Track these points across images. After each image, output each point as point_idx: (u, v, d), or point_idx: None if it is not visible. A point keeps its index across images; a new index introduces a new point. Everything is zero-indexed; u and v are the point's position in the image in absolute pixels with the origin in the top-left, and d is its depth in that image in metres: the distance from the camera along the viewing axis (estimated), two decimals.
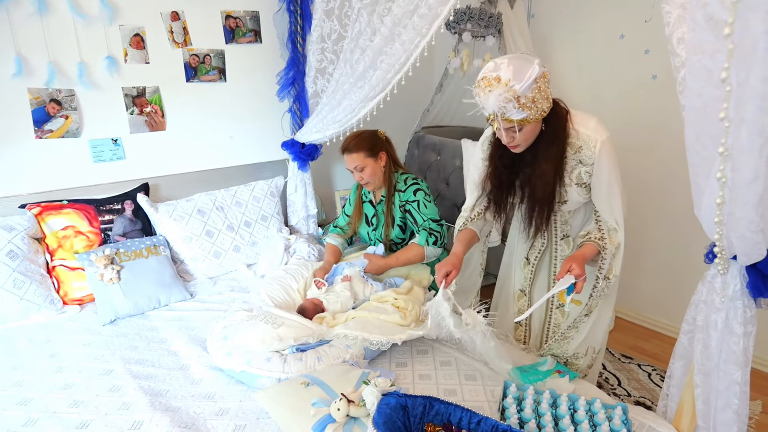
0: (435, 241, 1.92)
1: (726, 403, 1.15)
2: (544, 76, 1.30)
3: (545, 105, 1.32)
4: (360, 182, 2.02)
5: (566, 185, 1.45)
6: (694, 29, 0.72)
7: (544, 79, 1.30)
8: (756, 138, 0.69)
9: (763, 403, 2.12)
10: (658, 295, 2.70)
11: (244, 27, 2.40)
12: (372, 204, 2.12)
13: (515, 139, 1.36)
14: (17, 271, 1.80)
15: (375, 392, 1.16)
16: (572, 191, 1.46)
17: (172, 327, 1.80)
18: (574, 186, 1.44)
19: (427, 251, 1.92)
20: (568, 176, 1.44)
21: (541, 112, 1.32)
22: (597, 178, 1.41)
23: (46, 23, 1.89)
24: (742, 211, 0.82)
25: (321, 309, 1.80)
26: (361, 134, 2.00)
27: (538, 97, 1.29)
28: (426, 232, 1.93)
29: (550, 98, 1.35)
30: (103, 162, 2.15)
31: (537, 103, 1.29)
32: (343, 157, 2.00)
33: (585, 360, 1.68)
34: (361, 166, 1.95)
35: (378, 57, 1.82)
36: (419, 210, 1.95)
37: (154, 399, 1.40)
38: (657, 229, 2.62)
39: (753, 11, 0.60)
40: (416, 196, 1.97)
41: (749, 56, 0.63)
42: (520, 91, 1.25)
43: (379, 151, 1.98)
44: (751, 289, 1.08)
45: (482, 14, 2.31)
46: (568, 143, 1.40)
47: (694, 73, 0.76)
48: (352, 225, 2.17)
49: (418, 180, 2.02)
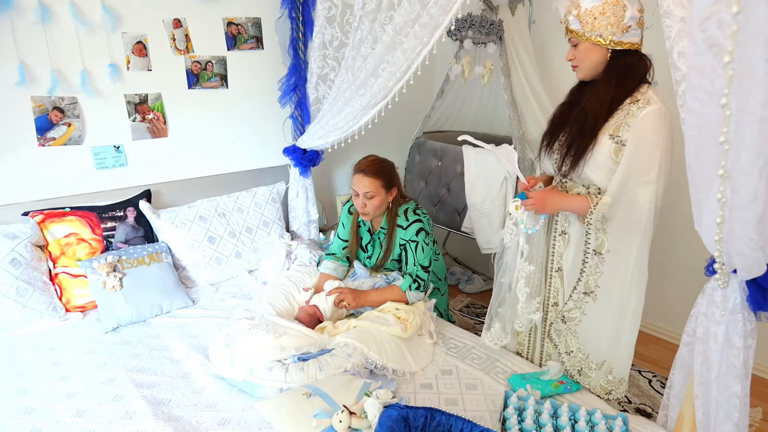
0: (418, 287, 1.85)
1: (726, 415, 1.16)
2: (616, 3, 1.32)
3: (607, 31, 1.34)
4: (360, 209, 1.89)
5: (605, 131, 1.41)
6: (695, 53, 0.73)
7: (614, 6, 1.32)
8: (756, 160, 0.69)
9: (764, 410, 2.13)
10: (658, 301, 2.70)
11: (245, 34, 2.40)
12: (369, 232, 2.04)
13: (575, 57, 1.42)
14: (20, 279, 1.81)
15: (377, 404, 1.16)
16: (604, 144, 1.40)
17: (175, 334, 1.81)
18: (607, 137, 1.40)
19: (409, 296, 1.84)
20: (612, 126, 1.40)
21: (597, 35, 1.34)
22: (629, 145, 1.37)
23: (49, 32, 1.90)
24: (741, 230, 0.83)
25: (318, 320, 1.80)
26: (383, 162, 1.90)
27: (600, 18, 1.33)
28: (411, 278, 1.85)
29: (620, 33, 1.34)
30: (105, 169, 2.16)
31: (596, 22, 1.33)
32: (354, 176, 1.88)
33: (598, 375, 1.58)
34: (372, 194, 1.84)
35: (379, 65, 1.83)
36: (415, 253, 1.88)
37: (157, 408, 1.41)
38: (658, 234, 2.62)
39: (752, 39, 0.60)
40: (417, 237, 1.88)
41: (749, 81, 0.64)
42: (583, 3, 1.34)
43: (393, 186, 1.90)
44: (751, 303, 1.08)
45: (483, 22, 2.32)
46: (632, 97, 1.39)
47: (695, 94, 0.76)
48: (349, 249, 2.08)
49: (420, 213, 1.93)
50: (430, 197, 2.73)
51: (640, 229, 1.42)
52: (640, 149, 1.35)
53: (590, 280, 1.53)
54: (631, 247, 1.45)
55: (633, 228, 1.42)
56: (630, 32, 1.34)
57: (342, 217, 2.11)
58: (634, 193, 1.38)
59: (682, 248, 2.51)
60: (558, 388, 1.50)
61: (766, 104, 0.64)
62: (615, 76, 1.39)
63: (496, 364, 1.66)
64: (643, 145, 1.35)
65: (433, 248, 1.95)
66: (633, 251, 1.45)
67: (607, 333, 1.55)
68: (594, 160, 1.43)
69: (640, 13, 1.35)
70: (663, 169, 1.36)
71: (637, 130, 1.35)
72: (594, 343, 1.57)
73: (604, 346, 1.56)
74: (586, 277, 1.54)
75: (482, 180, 2.41)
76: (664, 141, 1.34)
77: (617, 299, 1.51)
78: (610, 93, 1.39)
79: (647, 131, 1.34)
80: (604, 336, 1.55)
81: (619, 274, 1.49)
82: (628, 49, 1.36)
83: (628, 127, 1.37)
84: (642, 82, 1.39)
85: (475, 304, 2.98)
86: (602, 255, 1.49)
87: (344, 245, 2.09)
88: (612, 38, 1.34)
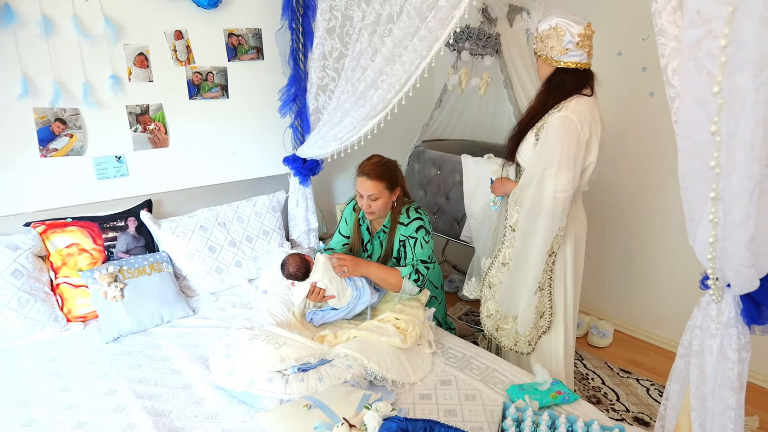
0: (417, 280, 1.88)
1: (721, 427, 1.17)
2: (557, 29, 1.60)
3: (552, 52, 1.63)
4: (365, 210, 1.92)
5: (534, 130, 1.72)
6: (687, 79, 0.75)
7: (556, 32, 1.60)
8: (746, 183, 0.71)
9: (761, 418, 2.14)
10: (656, 309, 2.72)
11: (246, 44, 2.42)
12: (369, 231, 2.07)
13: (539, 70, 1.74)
14: (22, 290, 1.82)
15: (376, 417, 1.18)
16: (529, 139, 1.73)
17: (175, 344, 1.82)
18: (533, 134, 1.72)
19: (405, 284, 1.87)
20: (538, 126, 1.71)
21: (545, 54, 1.65)
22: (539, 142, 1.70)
23: (51, 44, 1.92)
24: (734, 248, 0.85)
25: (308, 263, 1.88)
26: (386, 164, 1.92)
27: (546, 41, 1.64)
28: (412, 267, 1.89)
29: (560, 54, 1.63)
30: (106, 179, 2.17)
31: (543, 44, 1.65)
32: (357, 179, 1.90)
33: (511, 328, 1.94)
34: (376, 197, 1.87)
35: (379, 77, 1.84)
36: (414, 248, 1.92)
37: (158, 420, 1.41)
38: (654, 242, 2.65)
39: (740, 70, 0.62)
40: (417, 233, 1.92)
41: (739, 108, 0.65)
42: (539, 27, 1.66)
43: (397, 186, 1.93)
44: (745, 317, 1.10)
45: (480, 34, 2.34)
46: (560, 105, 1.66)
47: (687, 117, 0.78)
48: (350, 247, 2.11)
49: (421, 213, 1.97)
50: (429, 206, 2.75)
51: (544, 214, 1.70)
52: (544, 147, 1.67)
53: (506, 253, 1.86)
54: (534, 228, 1.75)
55: (536, 211, 1.71)
56: (569, 54, 1.62)
57: (345, 213, 2.13)
58: (540, 182, 1.68)
59: (680, 257, 2.53)
60: (556, 399, 1.51)
61: (756, 130, 0.66)
62: (553, 87, 1.69)
63: (495, 374, 1.67)
64: (546, 143, 1.66)
65: (433, 248, 1.98)
66: (539, 233, 1.74)
67: (517, 298, 1.89)
68: (522, 151, 1.78)
69: (580, 38, 1.60)
70: (563, 165, 1.63)
71: (544, 131, 1.67)
72: (507, 304, 1.93)
73: (515, 306, 1.91)
74: (505, 250, 1.87)
75: (481, 189, 2.42)
76: (565, 142, 1.62)
77: (523, 272, 1.83)
78: (540, 101, 1.72)
79: (550, 133, 1.65)
80: (515, 300, 1.90)
81: (527, 249, 1.79)
82: (567, 68, 1.65)
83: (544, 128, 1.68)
84: (573, 94, 1.66)
85: (474, 311, 3.00)
86: (515, 231, 1.81)
87: (344, 241, 2.11)
88: (555, 58, 1.64)
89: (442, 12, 1.56)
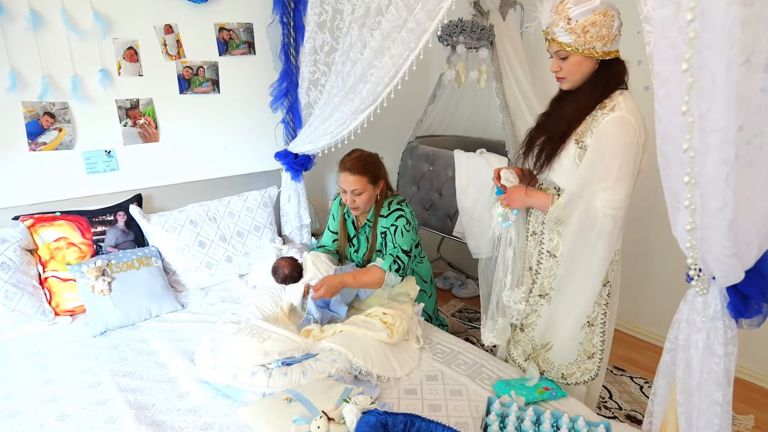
0: (398, 269, 1.86)
1: (707, 422, 1.15)
2: (606, 14, 1.28)
3: (598, 44, 1.31)
4: (350, 205, 1.92)
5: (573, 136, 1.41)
6: (659, 60, 0.73)
7: (605, 17, 1.29)
8: (721, 167, 0.69)
9: (756, 418, 2.11)
10: (652, 306, 2.69)
11: (237, 39, 2.41)
12: (354, 225, 2.07)
13: (561, 69, 1.38)
14: (9, 283, 1.81)
15: (355, 410, 1.16)
16: (570, 148, 1.42)
17: (162, 338, 1.81)
18: (573, 142, 1.41)
19: (388, 277, 1.84)
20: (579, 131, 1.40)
21: (589, 47, 1.31)
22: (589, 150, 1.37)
23: (40, 38, 1.91)
24: (714, 237, 0.83)
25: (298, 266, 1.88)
26: (367, 158, 1.91)
27: (591, 30, 1.29)
28: (392, 258, 1.86)
29: (610, 43, 1.33)
30: (96, 173, 2.17)
31: (587, 35, 1.29)
32: (340, 174, 1.90)
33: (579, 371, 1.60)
34: (360, 191, 1.87)
35: (368, 70, 1.83)
36: (394, 237, 1.90)
37: (140, 413, 1.41)
38: (652, 239, 2.62)
39: (709, 47, 0.60)
40: (396, 222, 1.91)
41: (710, 89, 0.63)
42: (572, 14, 1.29)
43: (380, 179, 1.93)
44: (731, 310, 1.07)
45: (474, 27, 2.32)
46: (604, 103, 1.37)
47: (662, 102, 0.76)
48: (339, 242, 2.11)
49: (403, 205, 1.95)
50: (422, 202, 2.73)
51: (596, 236, 1.41)
52: (599, 155, 1.35)
53: (545, 282, 1.54)
54: (584, 253, 1.44)
55: (587, 233, 1.41)
56: (616, 41, 1.35)
57: (332, 209, 2.13)
58: (591, 198, 1.38)
59: (673, 253, 2.49)
60: (543, 395, 1.49)
61: (729, 112, 0.64)
62: (602, 86, 1.38)
63: (482, 369, 1.65)
64: (602, 151, 1.35)
65: (414, 238, 1.95)
66: (592, 259, 1.44)
67: (556, 328, 1.58)
68: (559, 163, 1.44)
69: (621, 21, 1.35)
70: (622, 176, 1.34)
71: (598, 137, 1.35)
72: (540, 336, 1.62)
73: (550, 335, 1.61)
74: (541, 279, 1.55)
75: (473, 185, 2.41)
76: (625, 148, 1.33)
77: (569, 304, 1.52)
78: (592, 101, 1.38)
79: (607, 138, 1.34)
80: (552, 330, 1.60)
81: (574, 279, 1.49)
82: (611, 58, 1.36)
83: (592, 132, 1.37)
84: (618, 88, 1.39)
85: (468, 308, 2.98)
86: (556, 258, 1.49)
87: (334, 237, 2.12)
88: (603, 49, 1.33)
89: (429, 3, 1.54)
